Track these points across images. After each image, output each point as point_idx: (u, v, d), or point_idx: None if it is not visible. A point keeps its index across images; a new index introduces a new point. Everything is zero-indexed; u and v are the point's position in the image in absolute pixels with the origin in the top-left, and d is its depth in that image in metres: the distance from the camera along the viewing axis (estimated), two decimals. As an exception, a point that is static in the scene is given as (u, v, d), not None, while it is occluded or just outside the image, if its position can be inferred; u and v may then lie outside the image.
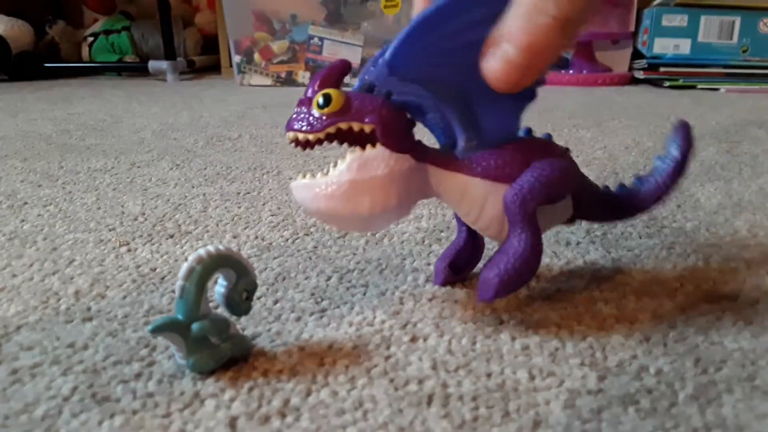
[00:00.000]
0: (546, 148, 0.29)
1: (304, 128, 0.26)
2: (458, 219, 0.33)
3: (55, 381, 0.24)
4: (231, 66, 1.54)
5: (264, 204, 0.49)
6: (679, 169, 0.33)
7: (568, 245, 0.39)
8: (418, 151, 0.28)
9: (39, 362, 0.26)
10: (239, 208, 0.48)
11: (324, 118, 0.26)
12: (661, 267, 0.36)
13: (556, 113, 0.97)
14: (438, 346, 0.27)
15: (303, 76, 1.44)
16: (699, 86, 1.37)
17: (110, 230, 0.43)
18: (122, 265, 0.36)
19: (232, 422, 0.22)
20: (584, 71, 1.44)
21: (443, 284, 0.33)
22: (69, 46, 1.81)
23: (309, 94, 0.27)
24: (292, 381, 0.24)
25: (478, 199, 0.28)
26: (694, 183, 0.55)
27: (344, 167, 0.26)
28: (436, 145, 0.30)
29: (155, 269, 0.36)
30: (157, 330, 0.24)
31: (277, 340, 0.28)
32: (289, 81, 1.45)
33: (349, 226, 0.28)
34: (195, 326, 0.24)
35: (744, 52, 1.45)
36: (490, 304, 0.30)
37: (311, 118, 0.26)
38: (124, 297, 0.32)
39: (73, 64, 1.74)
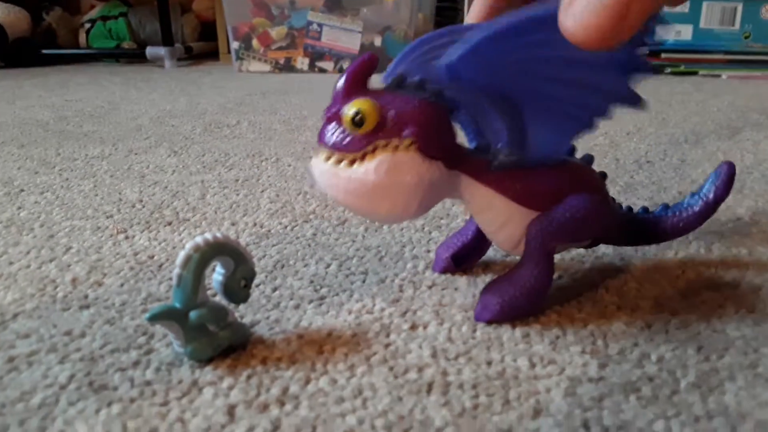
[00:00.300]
0: (583, 177, 0.29)
1: (339, 146, 0.25)
2: None
3: (52, 369, 0.24)
4: (229, 52, 1.53)
5: (262, 191, 0.48)
6: (708, 212, 0.32)
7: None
8: (453, 157, 0.27)
9: (36, 350, 0.26)
10: (237, 195, 0.47)
11: (361, 137, 0.25)
12: (663, 254, 0.35)
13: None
14: (438, 333, 0.27)
15: (302, 62, 1.43)
16: (700, 72, 1.37)
17: (108, 217, 0.42)
18: (120, 253, 0.36)
19: (231, 410, 0.22)
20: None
21: (442, 272, 0.33)
22: (66, 33, 1.79)
23: (338, 106, 0.25)
24: (290, 369, 0.24)
25: (501, 217, 0.28)
26: (695, 169, 0.55)
27: (372, 166, 0.25)
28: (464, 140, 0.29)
29: (153, 257, 0.36)
30: (155, 318, 0.23)
31: (275, 328, 0.27)
32: (287, 67, 1.44)
33: (362, 216, 0.28)
34: (193, 314, 0.24)
35: (746, 38, 1.43)
36: None
37: (346, 137, 0.25)
38: (122, 285, 0.32)
39: (71, 51, 1.73)
